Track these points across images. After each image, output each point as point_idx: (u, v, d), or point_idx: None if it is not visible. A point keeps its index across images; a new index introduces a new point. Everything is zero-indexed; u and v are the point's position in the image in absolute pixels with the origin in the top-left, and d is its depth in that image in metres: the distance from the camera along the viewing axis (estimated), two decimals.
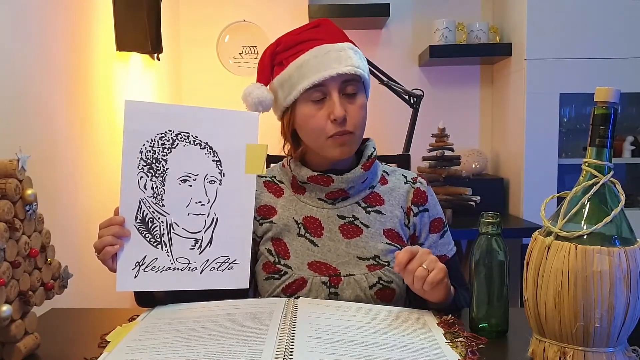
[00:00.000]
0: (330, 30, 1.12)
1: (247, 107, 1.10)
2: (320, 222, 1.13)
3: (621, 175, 2.66)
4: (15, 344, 0.85)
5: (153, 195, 0.99)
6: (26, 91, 1.29)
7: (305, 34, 1.11)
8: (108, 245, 0.96)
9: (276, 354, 0.78)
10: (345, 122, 1.07)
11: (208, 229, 1.02)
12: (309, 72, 1.06)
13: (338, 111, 1.05)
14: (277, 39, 1.13)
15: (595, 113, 0.78)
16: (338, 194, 1.13)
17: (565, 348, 0.77)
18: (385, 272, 1.10)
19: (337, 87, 1.06)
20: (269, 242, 1.14)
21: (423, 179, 1.22)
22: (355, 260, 1.11)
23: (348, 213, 1.14)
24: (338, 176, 1.11)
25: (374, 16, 2.57)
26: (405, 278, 0.96)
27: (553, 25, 2.37)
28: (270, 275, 1.11)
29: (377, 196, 1.16)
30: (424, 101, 2.25)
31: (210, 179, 1.01)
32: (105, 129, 1.73)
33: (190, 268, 1.01)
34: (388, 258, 1.11)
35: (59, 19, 1.46)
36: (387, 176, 1.21)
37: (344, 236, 1.12)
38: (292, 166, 1.15)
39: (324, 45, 1.07)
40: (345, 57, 1.06)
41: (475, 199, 2.33)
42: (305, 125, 1.09)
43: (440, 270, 0.94)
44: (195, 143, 1.01)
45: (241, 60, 2.67)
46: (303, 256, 1.11)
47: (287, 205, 1.16)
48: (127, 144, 0.98)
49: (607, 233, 0.75)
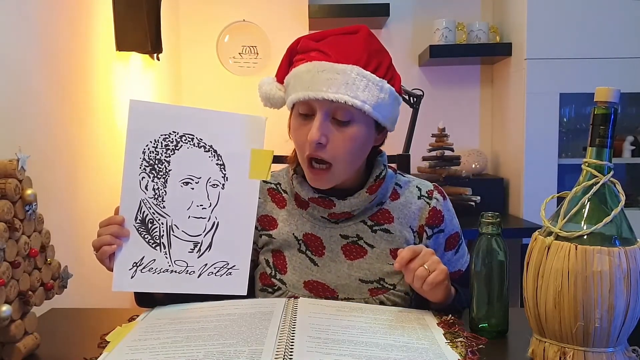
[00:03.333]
0: (352, 44, 0.99)
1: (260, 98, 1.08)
2: (321, 240, 1.08)
3: (621, 175, 2.66)
4: (15, 344, 0.84)
5: (154, 197, 0.99)
6: (26, 91, 1.29)
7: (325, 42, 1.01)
8: (106, 245, 0.96)
9: (276, 354, 0.77)
10: (324, 148, 0.98)
11: (208, 233, 1.00)
12: (298, 85, 0.99)
13: (313, 134, 0.96)
14: (300, 37, 1.06)
15: (595, 113, 0.78)
16: (342, 215, 1.07)
17: (565, 348, 0.77)
18: (389, 297, 1.05)
19: (324, 110, 0.97)
20: (269, 253, 1.11)
21: (439, 191, 1.12)
22: (356, 283, 1.06)
23: (352, 232, 1.07)
24: (340, 201, 1.05)
25: (374, 16, 2.56)
26: (406, 276, 0.95)
27: (553, 25, 2.37)
28: (265, 288, 1.09)
29: (387, 213, 1.09)
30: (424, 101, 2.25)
31: (213, 183, 1.00)
32: (105, 129, 1.73)
33: (188, 271, 1.00)
34: (394, 280, 1.05)
35: (59, 19, 1.45)
36: (399, 189, 1.11)
37: (346, 257, 1.07)
38: (294, 183, 1.09)
39: (321, 63, 0.97)
40: (338, 83, 0.95)
41: (475, 199, 2.33)
42: (293, 135, 1.05)
43: (441, 272, 0.93)
44: (199, 145, 0.99)
45: (241, 60, 2.66)
46: (301, 274, 1.07)
47: (289, 219, 1.11)
48: (130, 143, 0.98)
49: (607, 233, 0.75)
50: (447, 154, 2.37)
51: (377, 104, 0.98)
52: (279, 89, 1.06)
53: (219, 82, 2.69)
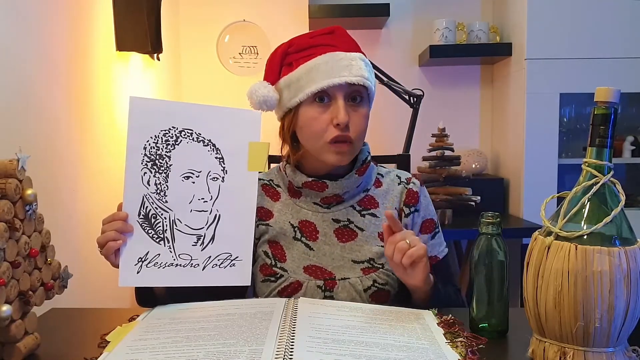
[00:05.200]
0: (343, 38, 1.12)
1: (251, 104, 1.11)
2: (315, 226, 1.15)
3: (621, 175, 2.66)
4: (15, 344, 0.85)
5: (156, 191, 1.00)
6: (26, 91, 1.29)
7: (319, 38, 1.11)
8: (111, 241, 0.97)
9: (276, 354, 0.78)
10: (348, 128, 1.07)
11: (210, 226, 1.02)
12: (318, 76, 1.06)
13: (342, 116, 1.05)
14: (290, 40, 1.13)
15: (595, 113, 0.78)
16: (333, 199, 1.15)
17: (565, 348, 0.77)
18: (379, 275, 1.11)
19: (343, 94, 1.07)
20: (266, 244, 1.15)
21: (418, 179, 1.22)
22: (350, 264, 1.12)
23: (343, 217, 1.15)
24: (332, 182, 1.13)
25: (374, 16, 2.57)
26: (387, 249, 0.98)
27: (553, 25, 2.37)
28: (267, 278, 1.12)
29: (372, 199, 1.18)
30: (424, 101, 2.26)
31: (213, 176, 1.02)
32: (105, 129, 1.73)
33: (192, 264, 1.01)
34: (382, 260, 1.13)
35: (59, 19, 1.46)
36: (381, 179, 1.22)
37: (338, 240, 1.14)
38: (288, 171, 1.16)
39: (336, 52, 1.08)
40: (356, 67, 1.07)
41: (475, 199, 2.33)
42: (307, 127, 1.09)
43: (421, 247, 0.97)
44: (198, 140, 1.01)
45: (241, 60, 2.67)
46: (299, 260, 1.12)
47: (284, 210, 1.17)
48: (131, 140, 0.99)
49: (607, 233, 0.75)
50: (447, 154, 2.37)
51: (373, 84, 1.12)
52: (273, 91, 1.11)
53: (219, 82, 2.69)
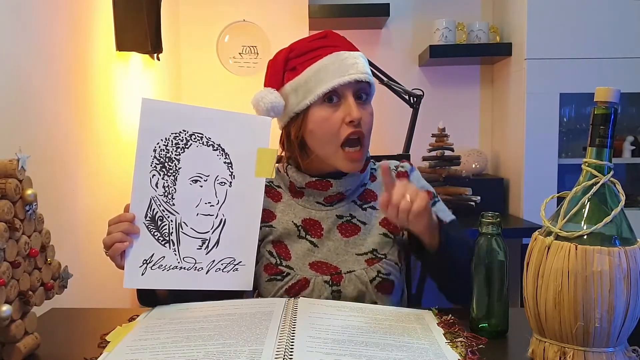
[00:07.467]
0: (340, 39, 1.14)
1: (258, 112, 1.10)
2: (319, 222, 1.15)
3: (621, 175, 2.66)
4: (15, 344, 0.85)
5: (164, 194, 1.00)
6: (26, 91, 1.29)
7: (318, 42, 1.13)
8: (118, 242, 0.97)
9: (276, 354, 0.78)
10: (360, 125, 1.09)
11: (216, 230, 1.03)
12: (327, 76, 1.07)
13: (355, 112, 1.07)
14: (290, 46, 1.14)
15: (595, 113, 0.78)
16: (336, 197, 1.16)
17: (565, 348, 0.77)
18: (383, 265, 1.13)
19: (352, 92, 1.09)
20: (270, 244, 1.15)
21: (408, 163, 1.25)
22: (354, 257, 1.14)
23: (345, 212, 1.17)
24: (336, 180, 1.14)
25: (374, 16, 2.56)
26: (389, 213, 0.98)
27: (553, 25, 2.37)
28: (273, 277, 1.12)
29: (370, 192, 1.20)
30: (424, 101, 2.25)
31: (221, 181, 1.02)
32: (106, 129, 1.73)
33: (196, 268, 1.02)
34: (385, 250, 1.14)
35: (59, 19, 1.46)
36: (375, 172, 1.24)
37: (342, 235, 1.15)
38: (290, 172, 1.17)
39: (340, 52, 1.10)
40: (361, 64, 1.10)
41: (475, 199, 2.33)
42: (320, 128, 1.09)
43: (422, 198, 0.97)
44: (208, 144, 1.02)
45: (241, 60, 2.66)
46: (304, 257, 1.13)
47: (286, 210, 1.17)
48: (141, 141, 0.99)
49: (607, 233, 0.75)
50: (447, 154, 2.37)
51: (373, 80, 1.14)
52: (280, 97, 1.11)
53: (219, 82, 2.69)
